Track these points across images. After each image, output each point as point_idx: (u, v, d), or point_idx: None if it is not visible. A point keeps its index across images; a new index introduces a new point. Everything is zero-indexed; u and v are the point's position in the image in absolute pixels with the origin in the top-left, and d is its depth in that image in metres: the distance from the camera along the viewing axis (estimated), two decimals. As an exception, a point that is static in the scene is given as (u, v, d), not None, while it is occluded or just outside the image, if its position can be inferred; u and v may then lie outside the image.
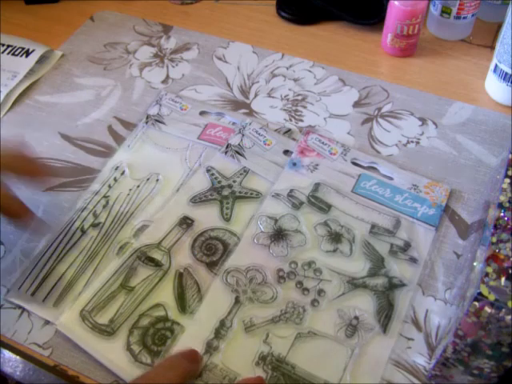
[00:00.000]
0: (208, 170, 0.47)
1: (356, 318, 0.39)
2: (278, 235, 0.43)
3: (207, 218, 0.44)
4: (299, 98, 0.55)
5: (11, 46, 0.60)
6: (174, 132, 0.51)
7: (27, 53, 0.59)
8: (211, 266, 0.42)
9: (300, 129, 0.51)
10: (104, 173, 0.48)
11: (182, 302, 0.40)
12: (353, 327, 0.38)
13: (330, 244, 0.43)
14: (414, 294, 0.40)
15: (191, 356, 0.37)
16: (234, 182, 0.47)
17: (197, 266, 0.42)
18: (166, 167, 0.48)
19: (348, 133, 0.51)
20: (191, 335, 0.38)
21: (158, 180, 0.47)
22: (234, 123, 0.52)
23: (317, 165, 0.47)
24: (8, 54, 0.59)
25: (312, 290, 0.40)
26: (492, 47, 0.59)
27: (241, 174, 0.47)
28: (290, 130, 0.51)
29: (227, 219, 0.44)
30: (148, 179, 0.47)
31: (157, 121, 0.52)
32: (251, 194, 0.46)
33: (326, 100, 0.54)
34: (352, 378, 0.36)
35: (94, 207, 0.45)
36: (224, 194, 0.46)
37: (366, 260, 0.42)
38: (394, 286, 0.40)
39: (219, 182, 0.47)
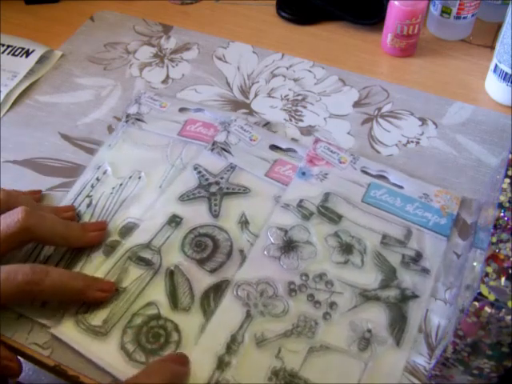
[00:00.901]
0: (195, 168, 0.48)
1: (369, 330, 0.38)
2: (289, 247, 0.42)
3: (196, 215, 0.45)
4: (299, 98, 0.55)
5: (11, 46, 0.60)
6: (155, 130, 0.51)
7: (27, 53, 0.59)
8: (202, 262, 0.42)
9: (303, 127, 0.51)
10: (86, 173, 0.48)
11: (174, 299, 0.40)
12: (366, 340, 0.38)
13: (340, 255, 0.42)
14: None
15: (178, 359, 0.36)
16: (222, 178, 0.47)
17: (187, 264, 0.42)
18: (148, 164, 0.48)
19: (348, 133, 0.51)
20: (203, 350, 0.37)
21: (140, 177, 0.47)
22: (218, 120, 0.52)
23: (326, 174, 0.47)
24: (8, 54, 0.59)
25: (324, 303, 0.40)
26: (492, 47, 0.60)
27: (228, 171, 0.47)
28: (268, 122, 0.51)
29: (216, 216, 0.45)
30: (130, 177, 0.47)
31: (137, 119, 0.52)
32: (239, 189, 0.46)
33: (326, 100, 0.54)
34: None
35: (78, 207, 0.45)
36: (212, 190, 0.46)
37: (377, 271, 0.41)
38: (406, 297, 0.40)
39: (206, 179, 0.47)
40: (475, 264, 0.34)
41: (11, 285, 0.36)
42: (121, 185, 0.47)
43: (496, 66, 0.52)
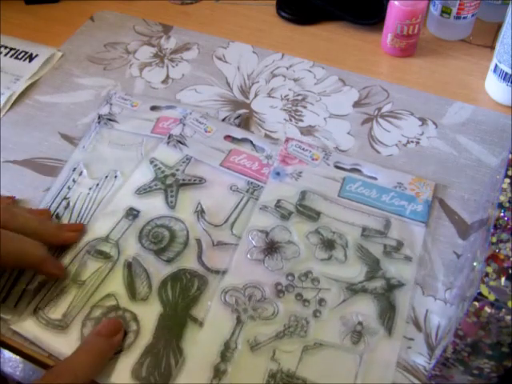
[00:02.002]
0: (151, 162, 0.48)
1: (360, 323, 0.39)
2: (271, 248, 0.43)
3: (153, 207, 0.45)
4: (299, 98, 0.55)
5: (14, 48, 0.60)
6: (127, 129, 0.52)
7: (30, 57, 0.59)
8: (159, 253, 0.43)
9: (246, 115, 0.51)
10: (62, 176, 0.48)
11: (132, 289, 0.41)
12: (358, 333, 0.38)
13: (323, 252, 0.42)
14: (413, 293, 0.40)
15: (106, 331, 0.37)
16: (177, 170, 0.48)
17: (145, 255, 0.42)
18: (123, 163, 0.49)
19: (348, 133, 0.51)
20: (197, 361, 0.37)
21: (116, 177, 0.48)
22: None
23: (300, 172, 0.47)
24: (11, 57, 0.59)
25: (312, 301, 0.40)
26: (492, 47, 0.60)
27: (183, 162, 0.48)
28: (240, 115, 0.52)
29: (172, 207, 0.45)
30: (107, 177, 0.48)
31: (109, 119, 0.52)
32: (194, 180, 0.47)
33: (326, 100, 0.54)
34: None
35: (56, 210, 0.46)
36: (168, 182, 0.47)
37: (361, 264, 0.42)
38: (392, 286, 0.40)
39: (162, 171, 0.47)
40: (475, 264, 0.34)
41: None
42: (97, 185, 0.47)
43: (496, 65, 0.52)
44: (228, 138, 0.51)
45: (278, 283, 0.41)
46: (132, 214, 0.45)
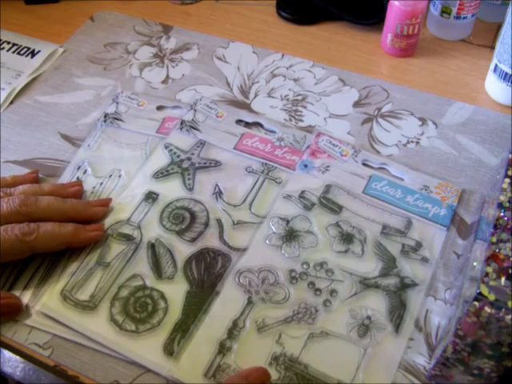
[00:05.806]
0: (166, 147, 0.49)
1: (368, 317, 0.39)
2: (290, 236, 0.43)
3: (171, 190, 0.46)
4: (299, 97, 0.55)
5: (16, 44, 0.60)
6: (133, 128, 0.52)
7: (33, 53, 0.59)
8: (181, 233, 0.44)
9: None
10: (66, 174, 0.48)
11: (158, 269, 0.41)
12: (365, 327, 0.38)
13: (341, 245, 0.43)
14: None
15: (254, 379, 0.34)
16: (193, 154, 0.49)
17: (167, 236, 0.43)
18: (128, 162, 0.49)
19: (348, 133, 0.51)
20: (204, 335, 0.38)
21: (120, 176, 0.48)
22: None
23: (328, 166, 0.48)
24: (13, 52, 0.59)
25: (324, 291, 0.40)
26: (492, 47, 0.60)
27: (198, 147, 0.49)
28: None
29: (190, 189, 0.46)
30: (110, 176, 0.48)
31: (115, 119, 0.53)
32: (210, 163, 0.48)
33: (326, 100, 0.54)
34: (365, 377, 0.36)
35: None
36: (184, 166, 0.48)
37: (377, 260, 0.42)
38: (405, 285, 0.40)
39: (178, 156, 0.48)
40: (475, 264, 0.34)
41: (9, 237, 0.38)
42: (101, 184, 0.47)
43: (496, 65, 0.52)
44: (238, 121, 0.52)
45: (293, 270, 0.41)
46: (151, 197, 0.46)
